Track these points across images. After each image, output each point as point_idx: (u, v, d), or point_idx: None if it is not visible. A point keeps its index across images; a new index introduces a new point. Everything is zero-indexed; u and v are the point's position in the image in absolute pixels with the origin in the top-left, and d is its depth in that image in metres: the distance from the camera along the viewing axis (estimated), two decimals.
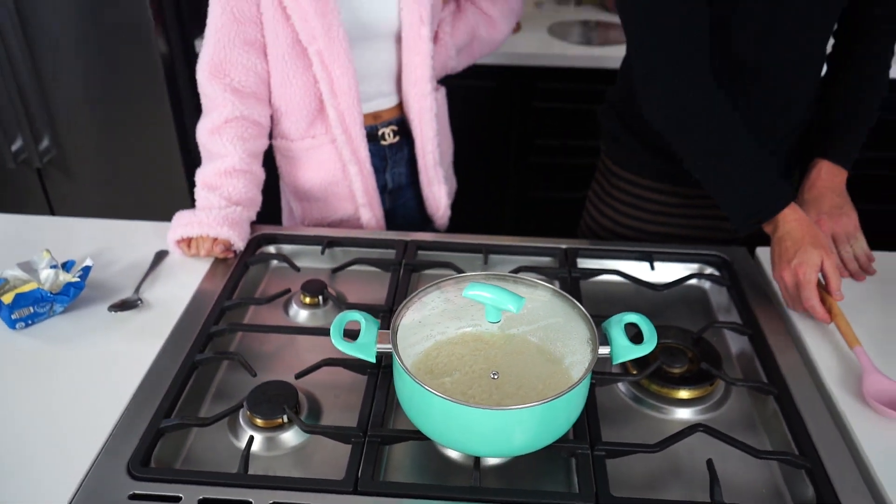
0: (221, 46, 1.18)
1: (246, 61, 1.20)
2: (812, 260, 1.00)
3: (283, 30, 1.18)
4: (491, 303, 0.80)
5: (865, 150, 1.22)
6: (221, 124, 1.19)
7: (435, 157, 1.36)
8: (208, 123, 1.21)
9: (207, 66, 1.20)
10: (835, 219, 1.14)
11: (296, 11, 1.15)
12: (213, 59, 1.19)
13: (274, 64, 1.22)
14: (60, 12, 1.94)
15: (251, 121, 1.22)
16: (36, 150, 2.13)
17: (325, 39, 1.17)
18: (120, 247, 1.19)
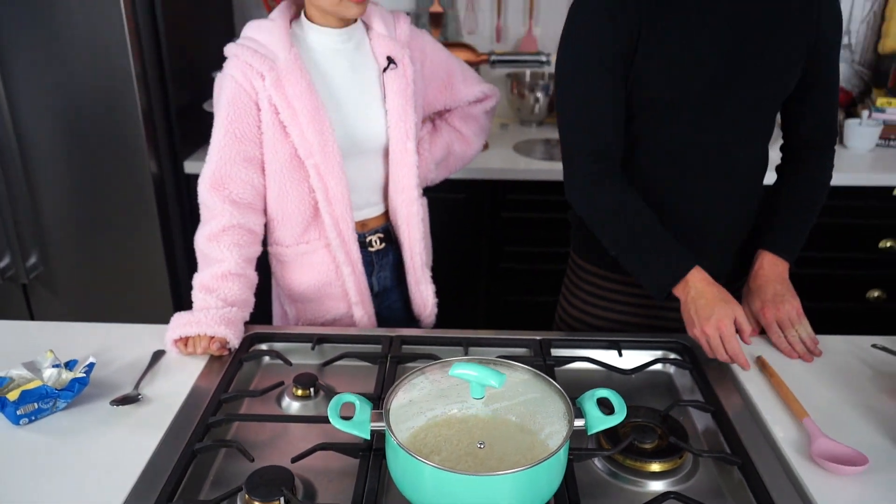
0: (223, 162, 1.30)
1: (244, 176, 1.31)
2: (729, 314, 1.14)
3: (282, 146, 1.31)
4: (475, 380, 0.88)
5: (809, 250, 1.37)
6: (219, 232, 1.29)
7: (422, 258, 1.48)
8: (207, 231, 1.30)
9: (209, 179, 1.31)
10: (777, 306, 1.26)
11: (294, 129, 1.28)
12: (215, 173, 1.30)
13: (272, 177, 1.34)
14: (54, 131, 2.07)
15: (247, 229, 1.32)
16: (23, 267, 2.20)
17: (322, 154, 1.30)
18: (119, 348, 1.25)
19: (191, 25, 2.27)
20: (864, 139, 2.39)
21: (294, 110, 1.27)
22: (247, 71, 1.27)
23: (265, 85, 1.26)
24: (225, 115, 1.28)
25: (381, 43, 1.38)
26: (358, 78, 1.37)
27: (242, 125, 1.29)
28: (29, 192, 2.13)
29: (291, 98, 1.26)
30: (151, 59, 2.07)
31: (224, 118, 1.28)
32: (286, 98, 1.26)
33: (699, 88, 1.21)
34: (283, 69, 1.26)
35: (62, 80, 2.01)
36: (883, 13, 2.55)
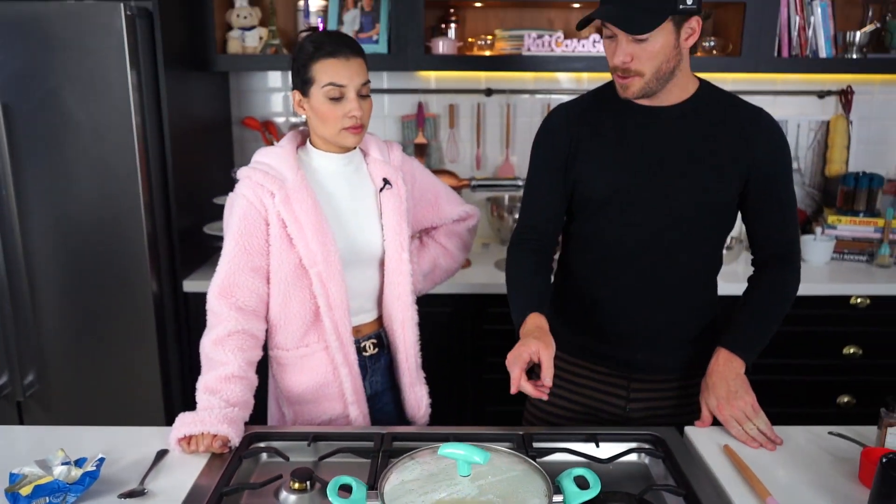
0: (232, 272, 1.42)
1: (251, 285, 1.44)
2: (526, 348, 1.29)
3: (288, 256, 1.44)
4: (462, 458, 0.97)
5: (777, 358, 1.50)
6: (225, 336, 1.40)
7: (417, 360, 1.59)
8: (213, 336, 1.41)
9: (218, 287, 1.43)
10: (731, 403, 1.37)
11: (300, 241, 1.42)
12: (224, 282, 1.42)
13: (277, 284, 1.46)
14: (60, 251, 2.18)
15: (250, 334, 1.43)
16: (21, 385, 2.25)
17: (324, 263, 1.43)
18: (124, 448, 1.32)
19: (195, 156, 2.46)
20: (820, 253, 2.57)
21: (300, 224, 1.42)
22: (258, 190, 1.42)
23: (275, 202, 1.41)
24: (236, 230, 1.42)
25: (377, 167, 1.56)
26: (357, 196, 1.53)
27: (252, 239, 1.43)
28: (32, 311, 2.22)
29: (298, 213, 1.41)
30: (158, 186, 2.24)
31: (235, 232, 1.42)
32: (293, 213, 1.41)
33: (626, 191, 1.43)
34: (291, 188, 1.42)
35: (72, 205, 2.15)
36: (826, 141, 2.82)
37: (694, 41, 1.37)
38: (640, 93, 1.38)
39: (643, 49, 1.32)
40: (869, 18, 2.66)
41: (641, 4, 1.30)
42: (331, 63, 1.43)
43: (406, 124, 2.80)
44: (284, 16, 2.70)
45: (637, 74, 1.35)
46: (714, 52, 2.58)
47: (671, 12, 1.30)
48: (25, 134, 2.10)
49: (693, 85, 1.44)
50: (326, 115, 1.45)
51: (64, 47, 2.05)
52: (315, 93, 1.44)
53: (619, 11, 1.31)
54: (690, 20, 1.35)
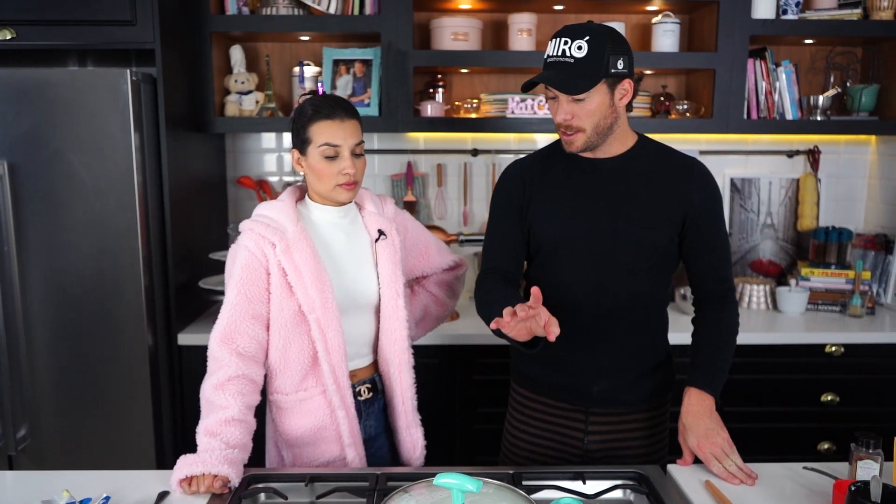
0: (234, 319, 1.49)
1: (251, 331, 1.50)
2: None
3: (287, 303, 1.51)
4: (456, 487, 1.03)
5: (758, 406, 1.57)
6: (225, 381, 1.45)
7: (413, 403, 1.65)
8: (214, 381, 1.46)
9: (220, 334, 1.49)
10: (710, 440, 1.45)
11: (300, 289, 1.50)
12: (226, 329, 1.48)
13: (277, 331, 1.52)
14: (58, 305, 2.23)
15: (249, 379, 1.49)
16: (13, 438, 2.27)
17: (322, 310, 1.50)
18: (125, 490, 1.36)
19: (192, 214, 2.55)
20: (795, 304, 2.67)
21: (300, 273, 1.49)
22: (259, 241, 1.50)
23: (276, 252, 1.49)
24: (238, 279, 1.49)
25: (371, 219, 1.65)
26: (353, 247, 1.62)
27: (253, 287, 1.50)
28: (28, 364, 2.26)
29: (298, 262, 1.49)
30: (157, 242, 2.32)
31: (237, 281, 1.49)
32: (293, 262, 1.49)
33: (572, 237, 1.58)
34: (292, 239, 1.50)
35: (72, 260, 2.21)
36: (797, 198, 2.96)
37: (628, 100, 1.54)
38: (583, 147, 1.54)
39: (581, 108, 1.49)
40: (830, 84, 2.83)
41: (577, 70, 1.46)
42: (326, 124, 1.54)
43: (396, 183, 2.91)
44: (280, 81, 2.83)
45: (579, 130, 1.52)
46: (688, 115, 2.73)
47: (604, 76, 1.47)
48: (30, 191, 2.18)
49: (632, 139, 1.61)
50: (322, 173, 1.54)
51: (70, 110, 2.16)
52: (312, 152, 1.55)
53: (559, 75, 1.48)
54: (623, 82, 1.51)
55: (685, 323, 1.76)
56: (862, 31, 2.63)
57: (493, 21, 2.81)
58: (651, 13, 2.78)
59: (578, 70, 1.46)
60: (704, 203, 1.57)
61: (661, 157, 1.60)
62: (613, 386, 1.62)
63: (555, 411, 1.66)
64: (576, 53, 1.46)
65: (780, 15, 2.61)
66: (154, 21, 2.24)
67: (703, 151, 2.92)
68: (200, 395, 1.49)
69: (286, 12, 2.57)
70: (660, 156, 1.60)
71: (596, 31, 1.48)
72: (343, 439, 1.55)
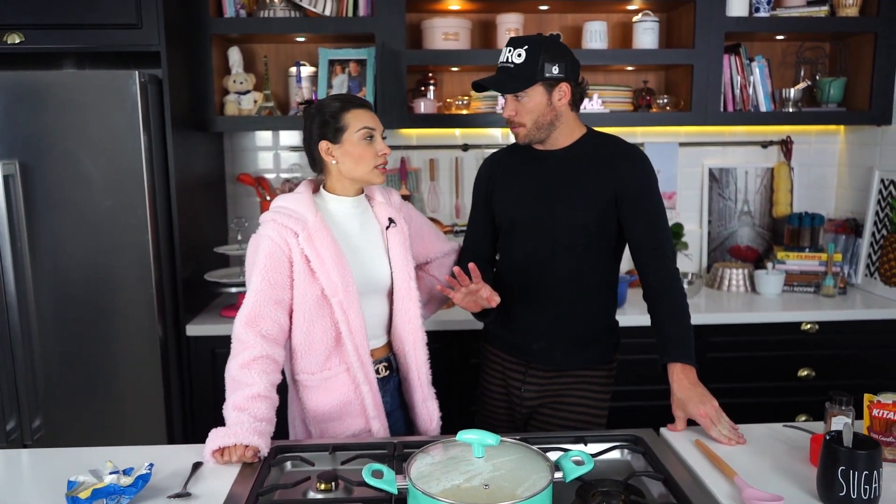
0: (258, 304, 1.59)
1: (274, 315, 1.60)
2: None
3: (311, 288, 1.61)
4: (477, 441, 1.15)
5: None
6: (250, 361, 1.55)
7: (428, 377, 1.77)
8: (239, 360, 1.56)
9: (245, 317, 1.59)
10: (707, 405, 1.58)
11: (322, 274, 1.60)
12: (251, 312, 1.59)
13: (301, 315, 1.63)
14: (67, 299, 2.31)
15: (272, 359, 1.59)
16: (29, 429, 2.34)
17: (344, 293, 1.61)
18: (160, 462, 1.45)
19: (196, 210, 2.63)
20: (772, 286, 2.82)
21: (322, 259, 1.60)
22: (282, 231, 1.61)
23: (298, 241, 1.60)
24: (262, 266, 1.60)
25: (381, 209, 1.77)
26: (367, 234, 1.74)
27: (276, 274, 1.60)
28: (41, 356, 2.34)
29: (320, 249, 1.60)
30: (165, 238, 2.40)
31: (261, 268, 1.60)
32: (316, 250, 1.60)
33: (524, 218, 1.83)
34: (313, 228, 1.61)
35: (84, 256, 2.30)
36: (771, 186, 3.11)
37: (567, 101, 1.75)
38: (525, 138, 1.78)
39: (522, 106, 1.74)
40: (801, 77, 2.99)
41: (515, 73, 1.72)
42: (360, 112, 1.69)
43: (390, 178, 3.02)
44: (276, 81, 2.93)
45: (521, 125, 1.76)
46: (668, 108, 2.87)
47: (539, 79, 1.71)
48: (42, 190, 2.26)
49: (580, 132, 1.82)
50: (362, 155, 1.67)
51: (80, 111, 2.24)
52: (349, 137, 1.67)
53: (500, 78, 1.75)
54: (560, 85, 1.73)
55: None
56: (829, 27, 2.78)
57: (481, 21, 2.93)
58: (632, 12, 2.91)
59: (516, 73, 1.72)
60: (635, 180, 1.76)
61: (603, 146, 1.81)
62: (550, 346, 1.85)
63: (503, 362, 1.94)
64: (515, 60, 1.72)
65: (753, 13, 2.76)
66: (159, 24, 2.33)
67: (683, 143, 3.07)
68: (226, 374, 1.59)
69: (283, 14, 2.67)
70: (602, 146, 1.81)
71: (534, 42, 1.72)
72: (368, 412, 1.66)
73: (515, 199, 1.85)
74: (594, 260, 1.83)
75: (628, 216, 1.77)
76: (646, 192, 1.76)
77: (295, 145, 3.01)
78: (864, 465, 1.22)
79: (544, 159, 1.82)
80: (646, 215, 1.76)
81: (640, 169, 1.77)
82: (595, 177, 1.77)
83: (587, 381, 1.87)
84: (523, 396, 1.90)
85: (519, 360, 1.91)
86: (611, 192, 1.76)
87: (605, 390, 1.89)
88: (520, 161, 1.87)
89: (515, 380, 1.92)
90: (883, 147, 2.86)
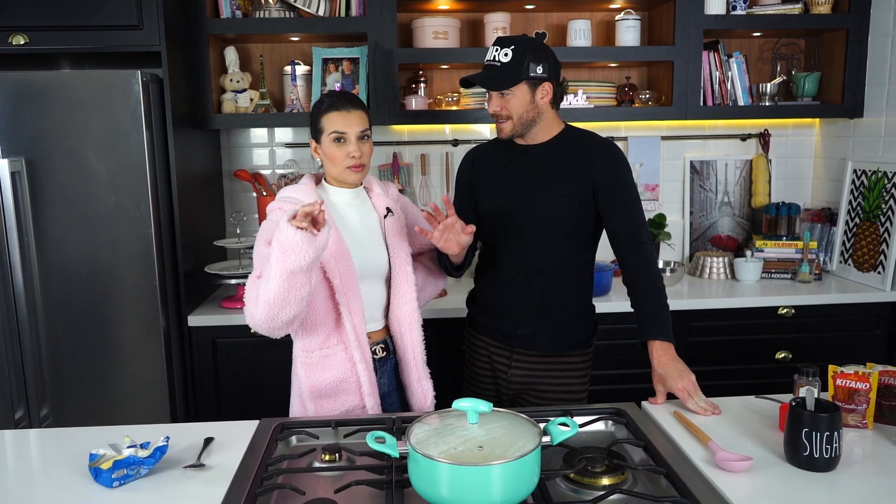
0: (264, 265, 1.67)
1: None
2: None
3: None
4: (471, 409, 1.25)
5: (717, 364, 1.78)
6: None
7: (423, 358, 1.87)
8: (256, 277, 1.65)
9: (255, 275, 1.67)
10: (685, 379, 1.68)
11: (324, 257, 1.69)
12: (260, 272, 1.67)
13: None
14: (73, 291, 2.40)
15: None
16: (38, 417, 2.43)
17: (344, 276, 1.71)
18: (175, 437, 1.55)
19: (196, 205, 2.72)
20: (751, 273, 2.94)
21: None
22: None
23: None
24: (271, 245, 1.69)
25: (379, 199, 1.88)
26: (365, 223, 1.84)
27: None
28: (48, 346, 2.42)
29: None
30: (167, 232, 2.49)
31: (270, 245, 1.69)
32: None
33: (506, 209, 1.94)
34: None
35: (88, 250, 2.38)
36: (750, 177, 3.24)
37: (549, 99, 1.87)
38: (510, 133, 1.89)
39: (507, 102, 1.84)
40: (777, 73, 3.11)
41: (502, 72, 1.82)
42: (335, 115, 1.76)
43: (383, 172, 3.11)
44: (272, 79, 3.02)
45: (507, 120, 1.86)
46: (650, 103, 2.98)
47: (524, 78, 1.81)
48: (48, 186, 2.34)
49: (558, 128, 1.93)
50: (333, 157, 1.76)
51: (84, 110, 2.32)
52: (324, 139, 1.76)
53: (487, 75, 1.85)
54: (543, 84, 1.84)
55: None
56: (803, 24, 2.90)
57: (470, 20, 3.03)
58: (614, 10, 3.02)
59: (503, 72, 1.82)
60: (609, 171, 1.87)
61: (580, 141, 1.93)
62: (533, 331, 1.97)
63: (490, 348, 2.05)
64: (502, 59, 1.82)
65: (731, 10, 2.87)
66: (160, 25, 2.41)
67: (665, 137, 3.18)
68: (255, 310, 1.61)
69: (277, 15, 2.76)
70: (578, 141, 1.93)
71: (520, 42, 1.83)
72: (363, 389, 1.76)
73: (496, 191, 1.97)
74: (573, 248, 1.94)
75: (604, 205, 1.88)
76: (619, 182, 1.88)
77: (290, 142, 3.11)
78: (826, 426, 1.33)
79: (525, 153, 1.94)
80: (621, 204, 1.87)
81: (614, 161, 1.89)
82: (572, 169, 1.89)
83: (568, 366, 1.99)
84: (510, 380, 2.02)
85: (504, 345, 2.02)
86: (587, 184, 1.87)
87: (584, 373, 2.02)
88: (502, 155, 1.98)
89: (501, 364, 2.03)
90: (855, 139, 2.99)
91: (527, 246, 1.93)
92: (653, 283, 1.83)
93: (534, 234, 1.92)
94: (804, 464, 1.36)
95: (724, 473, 1.35)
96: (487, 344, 2.06)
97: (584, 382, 2.02)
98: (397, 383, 1.91)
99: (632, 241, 1.86)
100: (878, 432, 1.54)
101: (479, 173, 2.03)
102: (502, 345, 2.02)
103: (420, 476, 1.20)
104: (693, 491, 1.27)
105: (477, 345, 2.10)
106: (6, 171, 2.30)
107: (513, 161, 1.95)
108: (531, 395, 2.00)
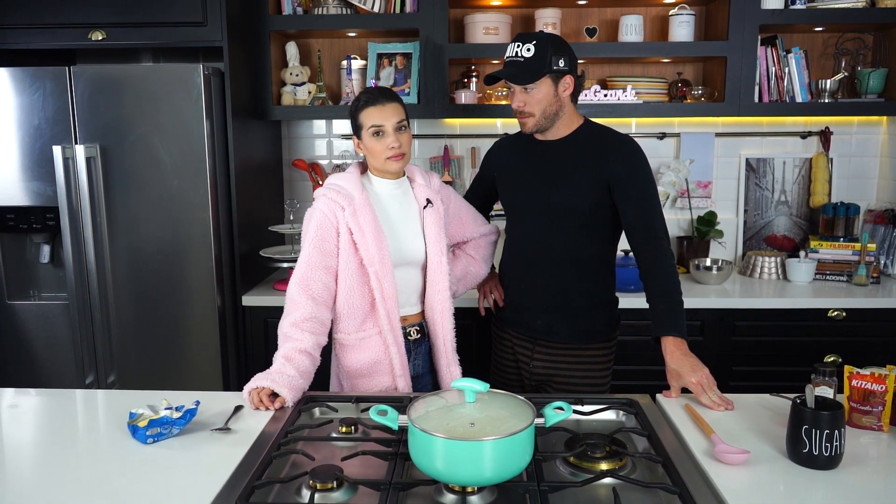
0: (309, 268, 1.79)
1: (323, 279, 1.80)
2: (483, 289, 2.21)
3: (352, 258, 1.81)
4: (469, 388, 1.32)
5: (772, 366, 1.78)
6: (301, 321, 1.76)
7: (453, 345, 1.95)
8: (291, 319, 1.77)
9: (298, 280, 1.80)
10: (698, 374, 1.69)
11: (362, 246, 1.80)
12: (303, 276, 1.79)
13: (343, 281, 1.82)
14: (139, 269, 2.60)
15: (320, 321, 1.79)
16: (105, 383, 2.65)
17: (380, 264, 1.81)
18: (207, 404, 1.68)
19: (253, 192, 2.88)
20: (803, 273, 2.87)
21: (363, 233, 1.80)
22: (331, 205, 1.81)
23: (345, 214, 1.80)
24: (313, 235, 1.81)
25: (420, 190, 1.96)
26: (405, 213, 1.93)
27: (325, 243, 1.81)
28: (116, 320, 2.63)
29: (362, 224, 1.80)
30: (224, 216, 2.66)
31: (312, 237, 1.80)
32: (358, 224, 1.80)
33: (524, 201, 2.01)
34: (358, 204, 1.81)
35: (153, 231, 2.57)
36: (809, 176, 3.15)
37: (570, 92, 1.91)
38: (534, 128, 1.93)
39: (531, 96, 1.88)
40: (841, 68, 3.01)
41: (526, 66, 1.86)
42: (371, 110, 1.85)
43: (434, 165, 3.20)
44: (330, 73, 3.15)
45: (530, 115, 1.91)
46: (703, 99, 2.95)
47: (548, 72, 1.86)
48: (119, 171, 2.54)
49: (577, 123, 1.98)
50: (374, 150, 1.86)
51: (152, 101, 2.51)
52: (364, 134, 1.86)
53: (511, 71, 1.89)
54: (565, 78, 1.89)
55: (700, 290, 2.00)
56: (869, 19, 2.80)
57: (521, 16, 3.07)
58: (668, 5, 3.00)
59: (526, 66, 1.86)
60: (625, 168, 1.90)
61: (598, 136, 1.96)
62: (553, 321, 2.02)
63: (514, 340, 2.12)
64: (525, 54, 1.86)
65: (790, 5, 2.80)
66: (222, 22, 2.57)
67: (720, 133, 3.14)
68: (279, 330, 1.78)
69: (335, 12, 2.88)
70: (596, 136, 1.96)
71: (542, 37, 1.87)
72: (395, 371, 1.86)
73: (516, 184, 2.04)
74: (590, 241, 1.98)
75: (620, 201, 1.91)
76: (635, 178, 1.89)
77: (346, 133, 3.23)
78: (826, 424, 1.33)
79: (543, 148, 1.99)
80: (636, 200, 1.89)
81: (628, 157, 1.91)
82: (587, 164, 1.92)
83: (589, 358, 2.03)
84: (533, 371, 2.07)
85: (526, 338, 2.07)
86: (603, 179, 1.91)
87: (606, 366, 2.05)
88: (522, 148, 2.04)
89: (524, 355, 2.09)
90: None
91: (544, 238, 1.99)
92: (666, 280, 1.84)
93: (550, 226, 1.97)
94: (804, 461, 1.36)
95: (722, 466, 1.37)
96: (511, 336, 2.12)
97: (606, 375, 2.05)
98: (430, 366, 2.00)
99: (647, 237, 1.88)
100: (893, 436, 1.51)
101: (500, 165, 2.11)
102: (525, 337, 2.08)
103: (418, 449, 1.28)
104: (685, 480, 1.30)
105: (502, 336, 2.16)
106: (82, 157, 2.51)
107: (532, 154, 2.01)
108: (553, 387, 2.04)
